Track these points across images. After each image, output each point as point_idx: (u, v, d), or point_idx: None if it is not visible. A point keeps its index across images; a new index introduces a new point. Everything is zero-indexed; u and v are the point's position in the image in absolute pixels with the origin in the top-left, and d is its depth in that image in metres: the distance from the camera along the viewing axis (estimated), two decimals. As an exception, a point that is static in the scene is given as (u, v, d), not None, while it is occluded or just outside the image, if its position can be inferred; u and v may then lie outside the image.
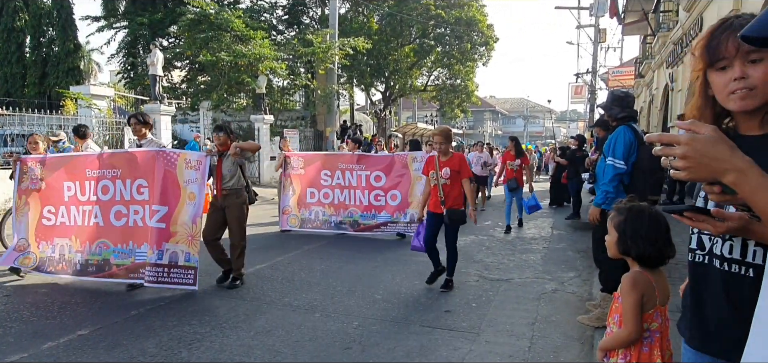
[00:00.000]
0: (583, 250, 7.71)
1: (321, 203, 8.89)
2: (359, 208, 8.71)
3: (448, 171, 5.30)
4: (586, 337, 4.25)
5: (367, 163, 8.74)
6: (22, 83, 23.02)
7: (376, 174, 8.59)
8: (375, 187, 8.57)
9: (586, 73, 31.74)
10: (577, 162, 11.17)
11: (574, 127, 60.39)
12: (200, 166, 5.36)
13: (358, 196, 8.70)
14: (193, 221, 5.32)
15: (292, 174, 9.02)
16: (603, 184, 4.24)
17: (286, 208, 9.03)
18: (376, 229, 8.60)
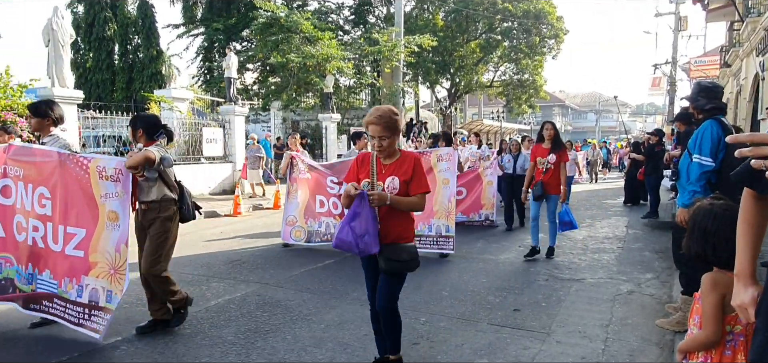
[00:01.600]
0: (661, 251, 7.32)
1: (331, 213, 7.46)
2: None
3: (395, 183, 3.18)
4: (666, 341, 4.05)
5: None
6: (111, 88, 24.87)
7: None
8: None
9: (665, 63, 29.95)
10: (656, 158, 10.60)
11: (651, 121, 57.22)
12: (121, 177, 3.99)
13: None
14: (116, 248, 3.96)
15: (299, 178, 7.69)
16: (689, 183, 3.97)
17: (291, 218, 7.66)
18: None
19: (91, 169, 4.02)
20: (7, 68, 10.14)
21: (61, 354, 3.79)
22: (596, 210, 12.21)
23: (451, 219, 6.80)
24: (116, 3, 25.03)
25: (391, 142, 3.16)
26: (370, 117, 3.11)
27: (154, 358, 3.75)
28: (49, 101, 4.73)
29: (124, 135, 13.14)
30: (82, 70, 24.62)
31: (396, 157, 3.27)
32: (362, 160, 3.35)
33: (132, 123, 4.36)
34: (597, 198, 14.96)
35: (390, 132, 3.13)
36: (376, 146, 3.15)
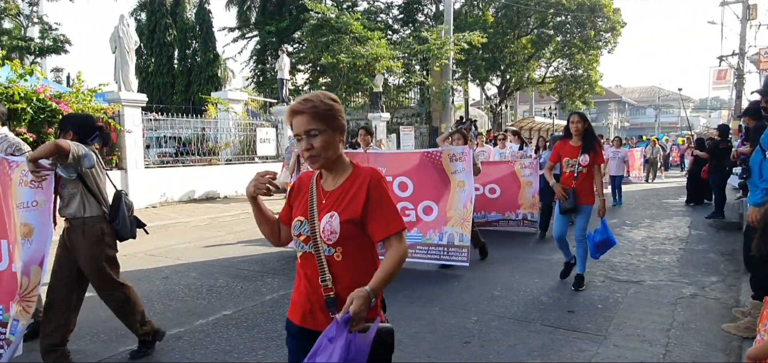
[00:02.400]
0: (727, 253, 6.96)
1: None
2: None
3: (333, 224, 1.83)
4: (733, 347, 3.85)
5: (387, 164, 6.34)
6: (171, 91, 26.03)
7: (400, 180, 6.18)
8: (400, 197, 6.09)
9: (731, 55, 28.28)
10: (721, 155, 10.05)
11: (715, 116, 54.23)
12: (42, 183, 3.25)
13: None
14: (24, 271, 3.23)
15: None
16: (762, 181, 3.79)
17: None
18: None
19: (14, 175, 3.29)
20: (79, 74, 10.81)
21: (118, 346, 4.02)
22: (656, 210, 11.71)
23: (467, 227, 5.90)
24: (176, 9, 26.18)
25: (326, 141, 1.83)
26: (294, 104, 1.88)
27: (214, 349, 3.91)
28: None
29: (184, 136, 13.73)
30: (145, 75, 25.90)
31: (344, 175, 1.90)
32: (299, 185, 2.04)
33: (60, 124, 3.64)
34: (656, 197, 14.34)
35: (323, 124, 1.82)
36: (304, 150, 1.85)
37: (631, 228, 9.14)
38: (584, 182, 5.25)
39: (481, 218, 8.53)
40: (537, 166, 8.53)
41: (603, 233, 5.24)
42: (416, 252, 6.00)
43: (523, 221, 8.70)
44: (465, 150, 6.01)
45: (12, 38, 21.57)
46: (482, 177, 8.22)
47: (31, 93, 9.33)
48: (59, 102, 9.76)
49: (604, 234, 5.24)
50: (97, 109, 10.43)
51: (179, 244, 8.12)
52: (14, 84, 9.24)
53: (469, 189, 5.99)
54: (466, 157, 6.00)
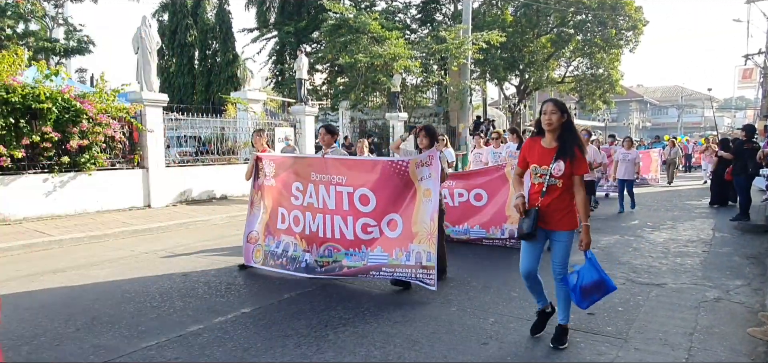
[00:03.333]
0: (753, 256, 6.80)
1: (291, 231, 5.89)
2: (342, 243, 5.49)
3: None
4: (758, 352, 3.76)
5: (347, 174, 5.49)
6: (192, 91, 26.37)
7: (361, 193, 5.33)
8: (362, 212, 5.34)
9: (757, 53, 27.61)
10: (746, 155, 9.82)
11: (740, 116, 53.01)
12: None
13: (337, 224, 5.48)
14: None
15: (264, 185, 6.17)
16: None
17: (252, 234, 6.22)
18: (365, 273, 5.37)
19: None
20: (102, 74, 11.03)
21: (139, 342, 4.08)
22: (678, 211, 11.50)
23: (433, 243, 5.01)
24: (197, 10, 26.51)
25: None
26: None
27: (233, 347, 3.95)
28: None
29: (204, 135, 13.90)
30: (166, 75, 26.28)
31: None
32: None
33: None
34: (679, 198, 14.08)
35: None
36: None
37: (652, 230, 8.99)
38: (558, 200, 3.73)
39: (462, 233, 7.56)
40: (436, 160, 7.40)
41: (591, 273, 3.70)
42: (381, 273, 5.20)
43: (509, 240, 7.24)
44: (432, 153, 5.24)
45: (38, 39, 22.05)
46: (468, 182, 7.63)
47: (56, 93, 9.54)
48: (83, 102, 9.97)
49: (595, 274, 3.69)
50: (119, 108, 10.62)
51: (199, 241, 8.22)
52: (40, 84, 9.46)
53: (435, 200, 5.10)
54: (433, 162, 5.14)
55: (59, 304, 5.00)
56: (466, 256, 6.88)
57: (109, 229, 8.86)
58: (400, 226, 5.17)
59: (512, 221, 7.09)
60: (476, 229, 7.45)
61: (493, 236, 7.41)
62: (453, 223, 7.54)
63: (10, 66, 9.44)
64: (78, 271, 6.39)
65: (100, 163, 10.37)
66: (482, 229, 7.47)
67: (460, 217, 7.60)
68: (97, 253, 7.51)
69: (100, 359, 3.71)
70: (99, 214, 10.18)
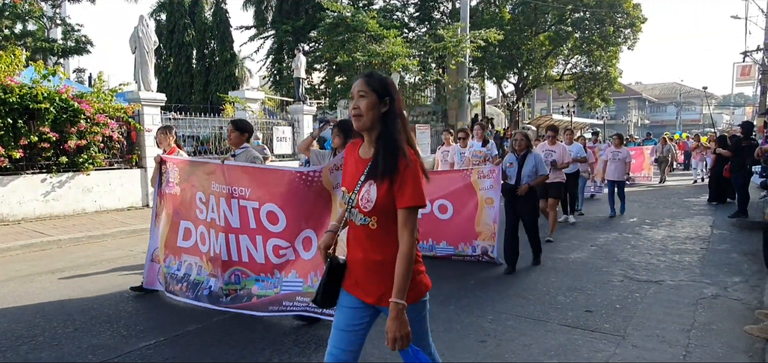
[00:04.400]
0: (751, 253, 6.80)
1: (197, 250, 4.73)
2: (250, 267, 4.35)
3: None
4: (755, 349, 3.77)
5: (250, 184, 4.32)
6: (189, 90, 26.35)
7: (268, 209, 4.21)
8: (271, 232, 4.23)
9: (756, 50, 27.64)
10: (744, 153, 9.84)
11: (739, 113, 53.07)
12: None
13: (244, 245, 4.36)
14: None
15: (166, 193, 4.99)
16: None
17: (157, 253, 5.07)
18: (278, 304, 4.18)
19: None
20: (100, 74, 11.02)
21: (138, 341, 4.07)
22: (677, 209, 11.52)
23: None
24: (194, 10, 26.47)
25: None
26: None
27: (233, 344, 3.95)
28: None
29: (202, 135, 13.89)
30: (164, 74, 26.26)
31: None
32: None
33: None
34: (677, 196, 14.10)
35: None
36: None
37: (650, 227, 9.00)
38: (373, 250, 2.10)
39: (427, 249, 6.52)
40: (499, 175, 6.18)
41: None
42: (294, 305, 4.11)
43: (482, 256, 6.33)
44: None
45: (36, 40, 22.01)
46: (431, 191, 6.38)
47: (53, 93, 9.53)
48: (81, 102, 9.96)
49: None
50: (117, 108, 10.61)
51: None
52: (38, 84, 9.45)
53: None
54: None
55: (57, 304, 5.00)
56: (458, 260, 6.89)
57: (107, 229, 8.86)
58: (314, 244, 4.11)
59: (484, 237, 6.26)
60: (443, 245, 6.48)
61: (463, 253, 6.40)
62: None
63: (8, 66, 9.43)
64: (76, 270, 6.39)
65: (98, 163, 10.35)
66: (450, 245, 6.47)
67: (425, 232, 6.48)
68: (95, 252, 7.50)
69: (98, 359, 3.71)
70: (97, 214, 10.18)
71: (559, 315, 4.53)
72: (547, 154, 7.82)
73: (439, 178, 6.70)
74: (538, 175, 5.96)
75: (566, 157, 8.01)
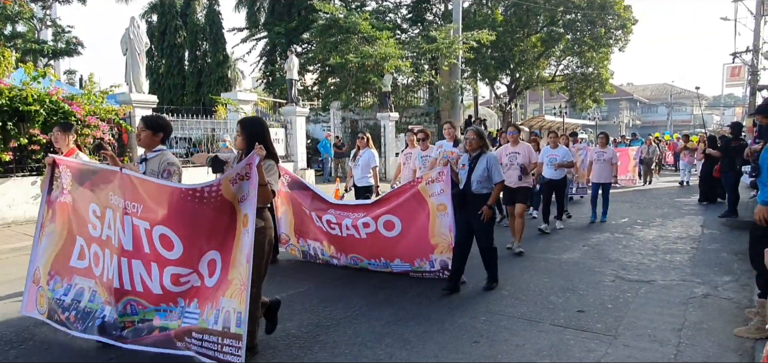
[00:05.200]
0: (741, 252, 6.86)
1: (90, 272, 3.96)
2: (147, 297, 3.64)
3: None
4: (745, 348, 3.81)
5: (143, 199, 3.61)
6: (182, 92, 26.21)
7: (160, 232, 3.55)
8: (167, 259, 3.56)
9: (745, 51, 27.92)
10: (733, 153, 9.93)
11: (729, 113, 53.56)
12: None
13: (137, 272, 3.64)
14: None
15: (57, 201, 4.17)
16: None
17: (38, 273, 4.19)
18: (182, 339, 3.48)
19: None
20: (91, 76, 10.95)
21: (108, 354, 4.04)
22: (668, 209, 11.60)
23: (244, 298, 3.59)
24: (186, 11, 26.36)
25: None
26: None
27: (223, 348, 3.93)
28: None
29: (194, 136, 13.84)
30: (156, 76, 26.11)
31: None
32: None
33: None
34: (668, 196, 14.20)
35: None
36: None
37: (642, 227, 9.06)
38: None
39: (383, 267, 5.91)
40: (448, 177, 5.35)
41: None
42: (192, 342, 3.39)
43: (441, 271, 5.57)
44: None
45: (26, 41, 21.84)
46: (372, 208, 5.81)
47: (43, 95, 9.46)
48: (72, 104, 9.89)
49: None
50: (108, 110, 10.54)
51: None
52: (28, 86, 9.37)
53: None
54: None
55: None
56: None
57: (98, 232, 8.79)
58: (218, 268, 3.44)
59: (441, 250, 5.48)
60: (397, 262, 5.79)
61: (420, 269, 5.70)
62: (369, 257, 5.98)
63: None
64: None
65: None
66: (405, 262, 5.77)
67: (375, 251, 5.88)
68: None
69: (88, 361, 3.68)
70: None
71: (551, 315, 4.55)
72: (511, 157, 7.15)
73: (382, 198, 5.96)
74: (493, 181, 5.25)
75: (532, 158, 7.33)
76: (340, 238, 6.01)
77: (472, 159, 5.32)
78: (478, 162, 5.27)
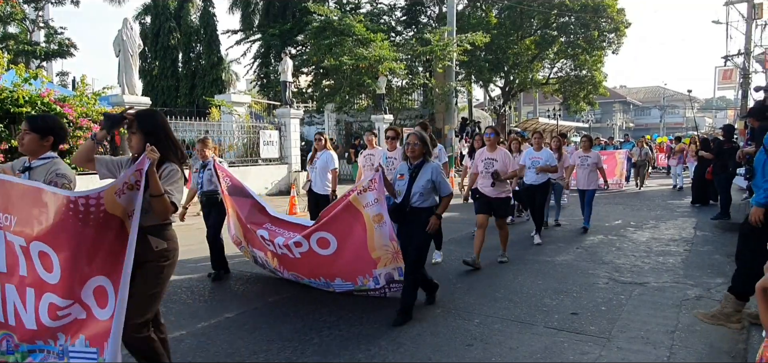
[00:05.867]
0: (733, 254, 6.86)
1: None
2: (18, 331, 2.93)
3: None
4: (738, 349, 3.82)
5: (17, 210, 2.84)
6: (175, 94, 26.12)
7: (39, 248, 2.83)
8: (46, 283, 2.84)
9: (737, 55, 28.14)
10: (725, 155, 9.99)
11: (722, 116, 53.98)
12: None
13: (11, 299, 2.91)
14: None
15: None
16: (764, 181, 3.82)
17: None
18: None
19: None
20: (83, 77, 10.87)
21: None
22: (661, 211, 11.65)
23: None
24: (180, 13, 26.27)
25: None
26: None
27: (216, 352, 3.91)
28: None
29: (187, 138, 13.77)
30: (149, 78, 26.01)
31: None
32: None
33: None
34: (661, 198, 14.27)
35: None
36: None
37: (635, 229, 9.09)
38: None
39: (324, 286, 5.34)
40: (381, 184, 4.60)
41: None
42: None
43: (388, 287, 4.95)
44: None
45: (18, 43, 21.69)
46: (305, 233, 5.04)
47: (35, 97, 9.37)
48: (63, 105, 9.81)
49: None
50: (100, 112, 10.47)
51: (181, 246, 8.12)
52: (19, 88, 9.29)
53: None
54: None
55: (38, 311, 4.90)
56: (449, 253, 6.90)
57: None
58: (111, 299, 2.79)
59: (384, 262, 4.77)
60: (338, 282, 5.18)
61: (364, 287, 5.06)
62: (308, 275, 5.37)
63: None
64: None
65: (81, 168, 10.18)
66: (346, 281, 5.13)
67: (314, 270, 5.25)
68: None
69: (79, 367, 3.63)
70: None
71: (545, 318, 4.55)
72: (486, 163, 6.33)
73: None
74: (441, 194, 4.59)
75: (512, 165, 6.46)
76: (277, 255, 5.39)
77: (413, 168, 4.60)
78: (421, 172, 4.55)
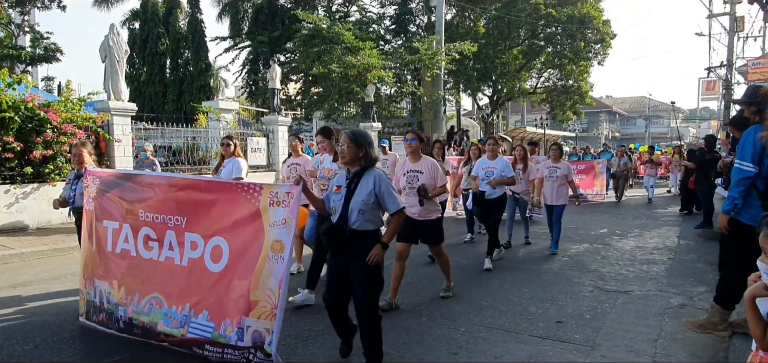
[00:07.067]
0: (716, 262, 6.95)
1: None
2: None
3: None
4: (719, 356, 3.87)
5: None
6: (163, 100, 25.97)
7: None
8: None
9: (719, 66, 28.64)
10: (707, 165, 10.15)
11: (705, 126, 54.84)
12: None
13: None
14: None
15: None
16: (730, 189, 3.92)
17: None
18: None
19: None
20: (68, 83, 10.76)
21: (112, 355, 3.96)
22: (646, 219, 11.78)
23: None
24: (169, 19, 26.16)
25: None
26: None
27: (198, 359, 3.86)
28: None
29: (174, 145, 13.67)
30: (137, 84, 25.84)
31: None
32: None
33: None
34: (646, 206, 14.43)
35: None
36: None
37: (620, 238, 9.18)
38: None
39: (178, 323, 3.84)
40: (297, 203, 3.56)
41: None
42: None
43: (252, 351, 3.54)
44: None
45: (3, 47, 21.43)
46: (207, 223, 3.82)
47: (19, 102, 9.26)
48: (48, 111, 9.70)
49: None
50: (85, 118, 10.37)
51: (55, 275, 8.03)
52: (2, 93, 9.17)
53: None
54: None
55: (18, 320, 4.82)
56: (434, 265, 6.89)
57: (72, 242, 8.59)
58: None
59: (260, 313, 3.52)
60: (201, 318, 3.73)
61: (222, 339, 3.62)
62: (174, 298, 3.90)
63: (-29, 74, 9.14)
64: (39, 285, 6.19)
65: (65, 173, 10.06)
66: (211, 320, 3.69)
67: (187, 290, 3.85)
68: (59, 266, 7.28)
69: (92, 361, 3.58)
70: (63, 226, 9.89)
71: (530, 326, 4.57)
72: (409, 177, 5.08)
73: (214, 193, 3.89)
74: (388, 212, 3.51)
75: (440, 179, 5.10)
76: (150, 264, 4.06)
77: (350, 178, 3.53)
78: (360, 183, 3.48)
